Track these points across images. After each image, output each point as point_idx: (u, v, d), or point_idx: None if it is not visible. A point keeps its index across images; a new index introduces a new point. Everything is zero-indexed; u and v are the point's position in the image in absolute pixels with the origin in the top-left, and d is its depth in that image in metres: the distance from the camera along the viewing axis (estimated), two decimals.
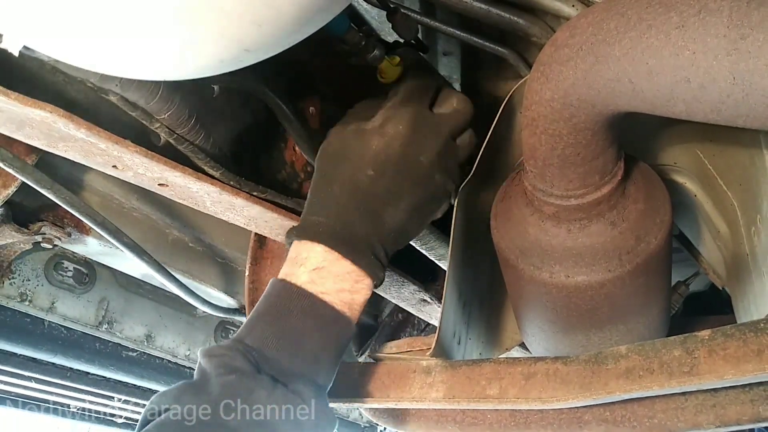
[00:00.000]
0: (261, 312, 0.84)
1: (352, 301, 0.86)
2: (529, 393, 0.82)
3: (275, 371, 0.78)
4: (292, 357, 0.80)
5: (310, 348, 0.82)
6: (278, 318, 0.82)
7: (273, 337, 0.80)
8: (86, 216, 1.08)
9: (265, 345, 0.79)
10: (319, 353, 0.82)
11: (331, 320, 0.84)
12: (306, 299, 0.83)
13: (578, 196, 0.85)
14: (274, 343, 0.80)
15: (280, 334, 0.81)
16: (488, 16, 1.04)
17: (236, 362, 0.76)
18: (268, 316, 0.83)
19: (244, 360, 0.76)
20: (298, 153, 1.15)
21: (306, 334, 0.82)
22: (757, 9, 0.56)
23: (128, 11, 0.49)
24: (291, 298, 0.83)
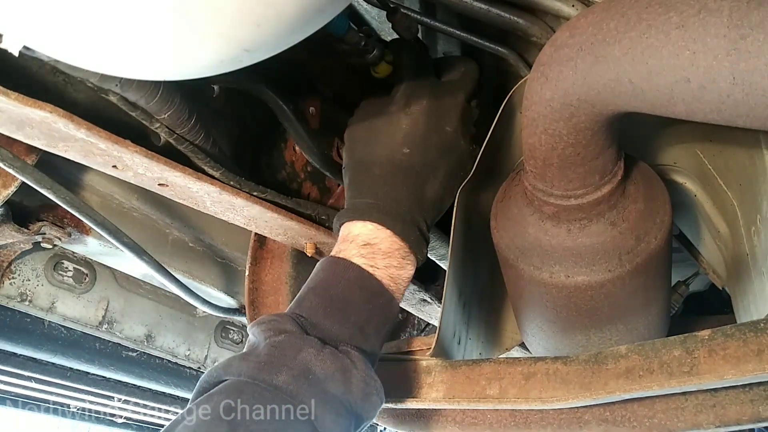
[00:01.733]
0: (310, 286, 0.85)
1: (398, 278, 0.88)
2: (529, 393, 0.82)
3: (323, 336, 0.79)
4: (340, 324, 0.81)
5: (357, 318, 0.82)
6: (327, 289, 0.84)
7: (321, 306, 0.82)
8: (86, 216, 1.08)
9: (313, 313, 0.81)
10: (365, 324, 0.83)
11: (377, 293, 0.85)
12: (354, 271, 0.85)
13: (578, 196, 0.85)
14: (322, 311, 0.81)
15: (328, 303, 0.82)
16: (488, 16, 1.04)
17: (285, 325, 0.77)
18: (317, 288, 0.84)
19: (293, 323, 0.78)
20: (298, 153, 1.15)
21: (353, 304, 0.83)
22: (757, 9, 0.56)
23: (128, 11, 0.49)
24: (339, 270, 0.85)
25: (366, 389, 0.77)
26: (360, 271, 0.85)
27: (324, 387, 0.73)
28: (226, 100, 0.98)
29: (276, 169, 1.14)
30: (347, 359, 0.77)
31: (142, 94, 0.79)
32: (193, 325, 1.93)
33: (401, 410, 1.07)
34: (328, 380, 0.73)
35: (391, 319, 0.88)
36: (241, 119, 1.05)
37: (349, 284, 0.84)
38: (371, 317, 0.84)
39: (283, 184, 1.13)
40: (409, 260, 0.91)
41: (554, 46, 0.72)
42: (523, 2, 1.03)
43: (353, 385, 0.76)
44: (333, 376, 0.74)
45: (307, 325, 0.79)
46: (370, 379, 0.78)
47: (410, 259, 0.91)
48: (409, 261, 0.91)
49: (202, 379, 0.76)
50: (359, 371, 0.77)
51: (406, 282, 0.90)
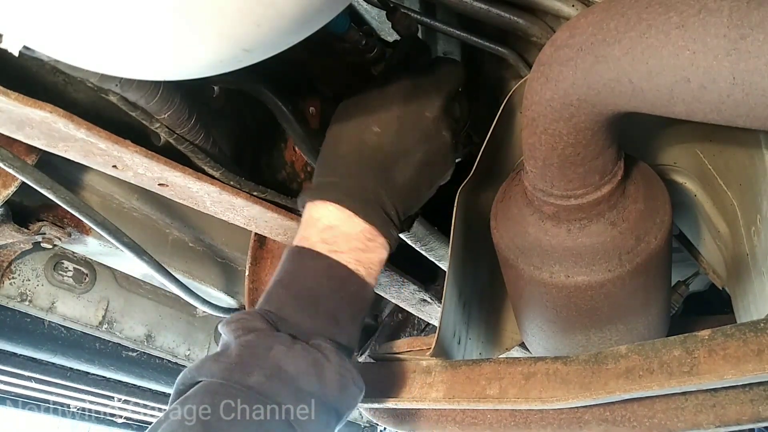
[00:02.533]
0: (276, 279, 0.83)
1: (367, 261, 0.85)
2: (529, 393, 0.82)
3: (294, 331, 0.77)
4: (311, 317, 0.79)
5: (327, 308, 0.80)
6: (293, 281, 0.81)
7: (289, 299, 0.80)
8: (86, 216, 1.08)
9: (282, 308, 0.79)
10: (338, 313, 0.81)
11: (346, 280, 0.82)
12: (320, 260, 0.82)
13: (578, 196, 0.85)
14: (291, 305, 0.79)
15: (296, 295, 0.80)
16: (488, 16, 1.04)
17: (254, 323, 0.75)
18: (283, 281, 0.82)
19: (262, 320, 0.76)
20: (298, 153, 1.15)
21: (322, 294, 0.80)
22: (757, 9, 0.56)
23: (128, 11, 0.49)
24: (304, 260, 0.82)
25: (341, 381, 0.75)
26: (325, 259, 0.81)
27: (297, 384, 0.71)
28: (226, 100, 0.98)
29: (276, 169, 1.14)
30: (319, 353, 0.75)
31: (142, 94, 0.79)
32: (193, 325, 1.93)
33: (401, 410, 1.07)
34: (300, 377, 0.72)
35: (366, 305, 0.85)
36: (241, 119, 1.05)
37: (316, 274, 0.81)
38: (342, 306, 0.82)
39: (283, 184, 1.13)
40: (378, 242, 0.86)
41: (554, 46, 0.72)
42: (523, 2, 1.03)
43: (327, 378, 0.74)
44: (306, 372, 0.72)
45: (277, 321, 0.77)
46: (345, 370, 0.76)
47: (379, 241, 0.86)
48: (378, 243, 0.86)
49: (178, 381, 0.75)
50: (332, 364, 0.75)
51: (377, 265, 0.86)
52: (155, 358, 1.86)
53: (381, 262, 0.87)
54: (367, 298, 0.86)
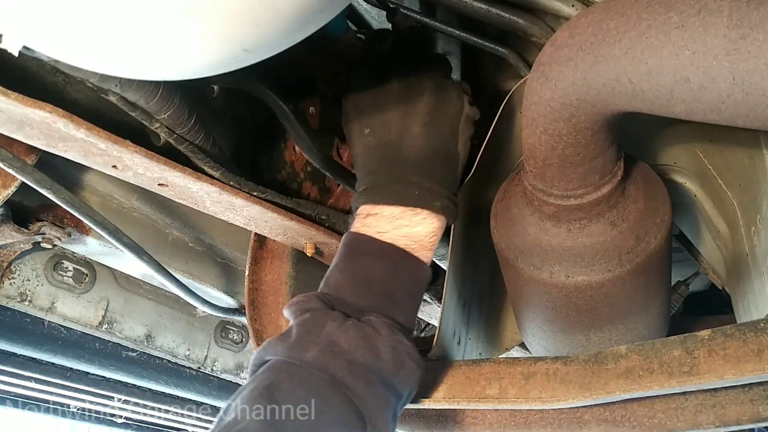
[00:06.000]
0: (333, 264, 0.88)
1: (416, 235, 0.88)
2: (528, 393, 0.82)
3: (349, 309, 0.81)
4: (365, 297, 0.83)
5: (382, 286, 0.84)
6: (348, 264, 0.87)
7: (344, 280, 0.85)
8: (86, 216, 1.08)
9: (338, 289, 0.84)
10: (393, 291, 0.85)
11: (399, 258, 0.86)
12: (372, 243, 0.87)
13: (578, 196, 0.85)
14: (346, 286, 0.84)
15: (351, 277, 0.85)
16: (488, 16, 1.04)
17: (310, 303, 0.81)
18: (339, 265, 0.87)
19: (318, 301, 0.81)
20: (298, 153, 1.15)
21: (376, 274, 0.85)
22: (757, 9, 0.56)
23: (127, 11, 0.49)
24: (356, 244, 0.88)
25: (396, 355, 0.78)
26: (377, 242, 0.86)
27: (350, 357, 0.75)
28: (226, 100, 0.98)
29: (276, 169, 1.14)
30: (368, 327, 0.78)
31: (142, 94, 0.79)
32: (193, 325, 1.93)
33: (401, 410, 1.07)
34: (353, 350, 0.75)
35: (422, 282, 0.89)
36: (241, 119, 1.05)
37: (370, 255, 0.86)
38: (396, 284, 0.85)
39: (283, 184, 1.13)
40: (420, 216, 0.89)
41: (554, 46, 0.72)
42: (523, 2, 1.03)
43: (381, 351, 0.77)
44: (358, 345, 0.76)
45: (333, 301, 0.82)
46: (398, 343, 0.79)
47: (422, 214, 0.90)
48: (420, 217, 0.89)
49: (251, 362, 0.80)
50: (383, 337, 0.78)
51: (429, 237, 0.90)
52: (155, 358, 1.85)
53: (431, 234, 0.90)
54: (424, 275, 0.90)
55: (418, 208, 0.89)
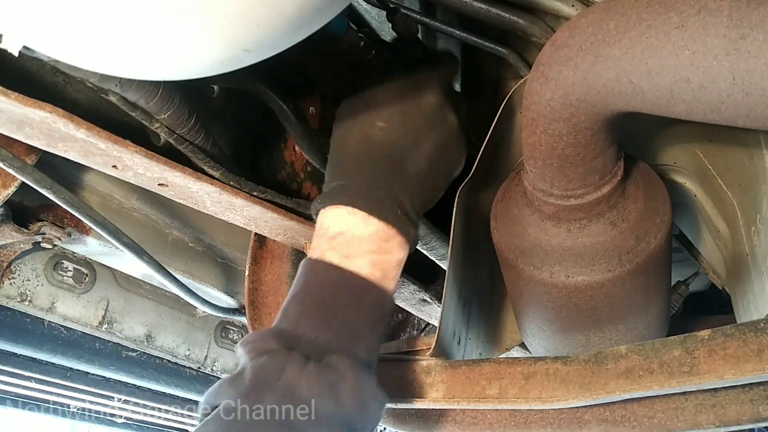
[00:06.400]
0: (292, 294, 0.80)
1: (384, 264, 0.81)
2: (528, 393, 0.82)
3: (309, 349, 0.74)
4: (326, 332, 0.76)
5: (343, 321, 0.77)
6: (307, 295, 0.79)
7: (304, 315, 0.77)
8: (86, 216, 1.08)
9: (297, 325, 0.76)
10: (355, 325, 0.78)
11: (362, 289, 0.79)
12: (332, 271, 0.79)
13: (578, 196, 0.85)
14: (306, 320, 0.76)
15: (311, 311, 0.77)
16: (488, 16, 1.04)
17: (267, 344, 0.73)
18: (298, 296, 0.79)
19: (275, 340, 0.74)
20: (298, 153, 1.15)
21: (337, 307, 0.78)
22: (757, 9, 0.56)
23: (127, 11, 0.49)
24: (317, 272, 0.80)
25: (359, 399, 0.73)
26: (337, 270, 0.79)
27: (311, 406, 0.69)
28: (226, 100, 0.98)
29: (276, 169, 1.14)
30: (331, 372, 0.72)
31: (142, 94, 0.79)
32: (193, 325, 1.93)
33: (401, 410, 1.07)
34: (314, 398, 0.69)
35: (386, 313, 0.82)
36: (241, 119, 1.05)
37: (330, 287, 0.78)
38: (359, 317, 0.78)
39: (283, 184, 1.13)
40: (394, 242, 0.82)
41: (554, 46, 0.72)
42: (523, 2, 1.03)
43: (344, 397, 0.71)
44: (320, 394, 0.70)
45: (292, 339, 0.75)
46: (362, 386, 0.73)
47: (396, 241, 0.83)
48: (395, 243, 0.83)
49: (201, 403, 0.74)
50: (347, 382, 0.72)
51: (395, 267, 0.83)
52: (155, 358, 1.86)
53: (399, 264, 0.84)
54: (387, 305, 0.83)
55: (393, 230, 0.82)
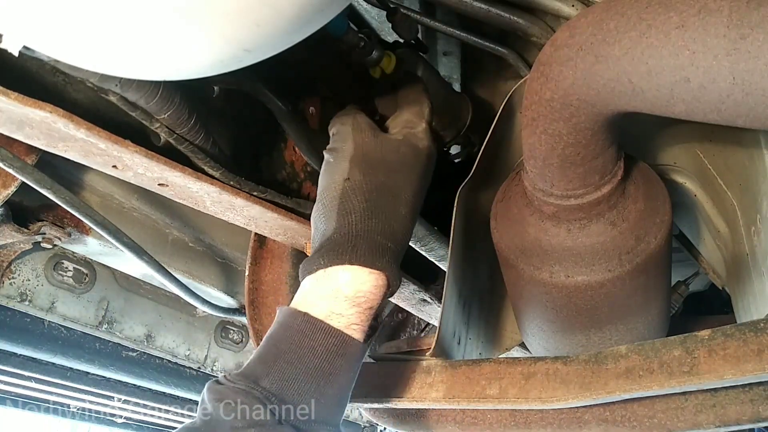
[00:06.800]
0: (279, 348, 0.74)
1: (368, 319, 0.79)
2: (528, 393, 0.82)
3: (299, 420, 0.70)
4: (318, 403, 0.72)
5: (337, 392, 0.74)
6: (302, 357, 0.73)
7: (295, 380, 0.72)
8: (86, 216, 1.08)
9: (286, 389, 0.71)
10: (344, 396, 0.76)
11: (357, 356, 0.77)
12: (332, 336, 0.75)
13: (578, 196, 0.85)
14: (298, 388, 0.72)
15: (305, 377, 0.72)
16: (488, 16, 1.04)
17: (257, 413, 0.68)
18: (288, 355, 0.73)
19: (264, 409, 0.68)
20: (298, 153, 1.15)
21: (333, 377, 0.74)
22: (757, 9, 0.56)
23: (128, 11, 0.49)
24: (315, 334, 0.74)
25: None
26: (338, 336, 0.75)
27: None
28: (226, 100, 0.98)
29: (276, 169, 1.14)
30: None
31: (142, 94, 0.79)
32: (193, 325, 1.93)
33: (401, 410, 1.07)
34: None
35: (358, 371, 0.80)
36: (241, 119, 1.05)
37: (327, 352, 0.74)
38: (349, 386, 0.77)
39: (283, 184, 1.13)
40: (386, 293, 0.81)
41: (554, 46, 0.72)
42: (523, 2, 1.03)
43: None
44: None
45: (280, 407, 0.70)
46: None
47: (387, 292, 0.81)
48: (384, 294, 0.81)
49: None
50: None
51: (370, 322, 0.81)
52: (155, 358, 1.86)
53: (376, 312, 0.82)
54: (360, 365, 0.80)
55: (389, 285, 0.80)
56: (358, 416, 2.66)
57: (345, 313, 0.77)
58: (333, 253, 0.79)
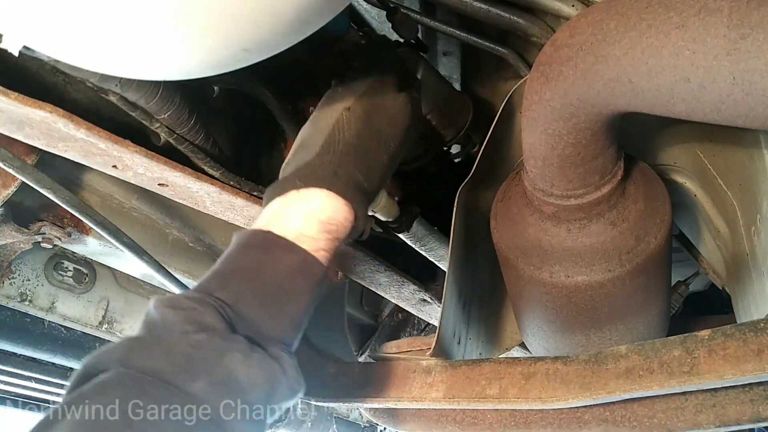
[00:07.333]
0: (238, 265, 0.72)
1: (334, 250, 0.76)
2: (528, 393, 0.82)
3: (252, 332, 0.67)
4: (272, 319, 0.69)
5: (293, 310, 0.71)
6: (260, 273, 0.71)
7: (253, 294, 0.69)
8: (86, 216, 1.08)
9: (241, 302, 0.68)
10: (301, 316, 0.72)
11: (319, 279, 0.73)
12: (295, 254, 0.72)
13: (578, 196, 0.85)
14: (253, 301, 0.69)
15: (260, 291, 0.70)
16: (488, 16, 1.04)
17: (208, 319, 0.64)
18: (247, 271, 0.71)
19: (217, 316, 0.65)
20: None
21: (291, 294, 0.71)
22: (757, 9, 0.56)
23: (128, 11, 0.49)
24: (276, 252, 0.72)
25: (289, 395, 0.68)
26: (301, 253, 0.72)
27: (246, 397, 0.63)
28: (226, 100, 0.98)
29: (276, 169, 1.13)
30: (278, 366, 0.66)
31: (142, 94, 0.79)
32: None
33: (401, 410, 1.07)
34: (252, 389, 0.64)
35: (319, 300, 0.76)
36: (241, 119, 1.05)
37: (288, 270, 0.71)
38: (308, 308, 0.73)
39: None
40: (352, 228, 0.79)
41: (554, 46, 0.72)
42: (523, 2, 1.03)
43: (278, 393, 0.67)
44: (259, 386, 0.64)
45: (234, 318, 0.67)
46: (296, 384, 0.68)
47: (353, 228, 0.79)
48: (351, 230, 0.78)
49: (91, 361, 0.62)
50: (288, 378, 0.67)
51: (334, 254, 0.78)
52: None
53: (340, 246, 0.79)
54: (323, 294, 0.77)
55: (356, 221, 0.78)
56: (358, 416, 2.66)
57: (315, 236, 0.74)
58: (313, 176, 0.77)
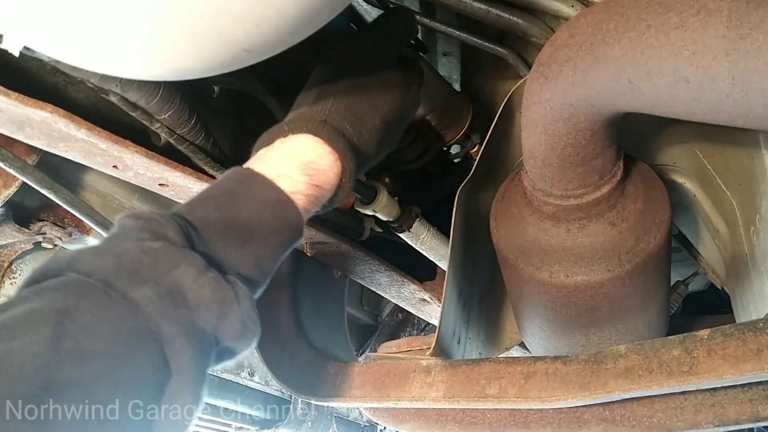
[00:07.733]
0: (212, 193, 0.70)
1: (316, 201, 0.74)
2: (528, 392, 0.82)
3: (212, 259, 0.64)
4: (235, 251, 0.66)
5: (261, 252, 0.69)
6: (230, 203, 0.68)
7: (218, 221, 0.67)
8: (86, 216, 1.08)
9: (206, 227, 0.65)
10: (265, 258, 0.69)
11: (290, 222, 0.71)
12: (270, 191, 0.70)
13: (577, 196, 0.85)
14: (217, 228, 0.66)
15: (226, 221, 0.67)
16: (488, 17, 1.04)
17: (166, 230, 0.62)
18: (218, 198, 0.69)
19: (178, 231, 0.62)
20: None
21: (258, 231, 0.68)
22: (757, 9, 0.57)
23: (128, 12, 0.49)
24: (251, 186, 0.70)
25: (242, 331, 0.63)
26: (276, 192, 0.70)
27: (192, 316, 0.59)
28: (227, 100, 0.98)
29: None
30: (232, 292, 0.62)
31: (143, 94, 0.79)
32: None
33: (401, 410, 1.07)
34: (199, 309, 0.59)
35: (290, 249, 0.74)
36: (241, 119, 1.06)
37: (260, 206, 0.69)
38: (274, 251, 0.70)
39: None
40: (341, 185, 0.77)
41: (554, 46, 0.72)
42: (523, 2, 1.03)
43: (228, 322, 0.62)
44: (207, 307, 0.60)
45: (195, 238, 0.64)
46: (250, 321, 0.64)
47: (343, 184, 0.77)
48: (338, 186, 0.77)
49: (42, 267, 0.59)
50: (241, 309, 0.63)
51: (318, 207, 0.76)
52: None
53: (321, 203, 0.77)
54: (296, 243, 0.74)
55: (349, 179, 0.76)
56: (358, 416, 2.66)
57: (294, 177, 0.72)
58: (299, 124, 0.75)
